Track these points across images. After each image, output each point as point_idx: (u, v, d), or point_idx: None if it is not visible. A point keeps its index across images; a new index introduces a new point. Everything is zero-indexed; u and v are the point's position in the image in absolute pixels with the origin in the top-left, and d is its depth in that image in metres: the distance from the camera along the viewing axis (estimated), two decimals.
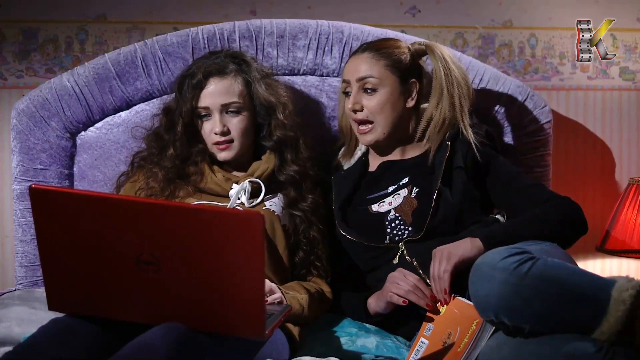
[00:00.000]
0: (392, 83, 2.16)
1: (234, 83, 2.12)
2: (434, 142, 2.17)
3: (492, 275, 1.68)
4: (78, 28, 2.65)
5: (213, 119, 2.10)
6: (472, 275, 1.75)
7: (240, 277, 1.50)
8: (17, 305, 2.07)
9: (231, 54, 2.20)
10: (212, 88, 2.10)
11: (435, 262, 1.94)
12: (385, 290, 2.01)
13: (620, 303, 1.60)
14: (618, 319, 1.59)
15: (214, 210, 1.55)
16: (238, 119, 2.11)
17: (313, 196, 2.17)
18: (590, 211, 2.77)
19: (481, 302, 1.72)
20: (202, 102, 2.10)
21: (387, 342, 2.02)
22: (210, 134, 2.11)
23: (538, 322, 1.66)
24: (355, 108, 2.15)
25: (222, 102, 2.10)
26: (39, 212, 1.53)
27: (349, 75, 2.18)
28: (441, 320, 1.91)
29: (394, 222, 2.12)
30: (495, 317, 1.70)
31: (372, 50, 2.18)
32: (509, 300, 1.66)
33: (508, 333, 1.72)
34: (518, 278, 1.66)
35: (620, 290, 1.62)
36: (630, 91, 2.85)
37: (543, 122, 2.51)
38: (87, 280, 1.58)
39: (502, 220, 2.15)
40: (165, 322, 1.55)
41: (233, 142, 2.11)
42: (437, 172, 2.12)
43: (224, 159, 2.13)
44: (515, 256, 1.69)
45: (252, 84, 2.14)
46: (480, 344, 1.81)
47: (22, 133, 2.36)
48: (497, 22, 2.78)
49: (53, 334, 1.59)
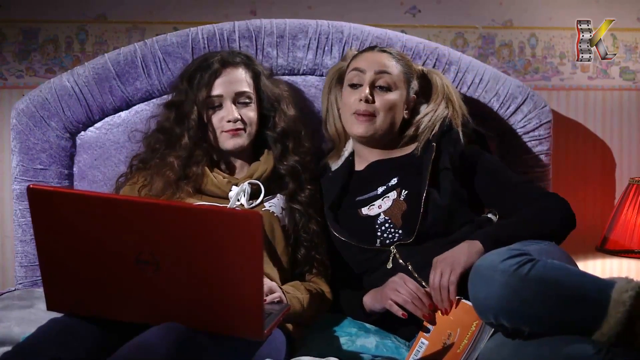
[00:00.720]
0: (402, 89, 2.20)
1: (245, 73, 2.17)
2: (422, 143, 2.18)
3: (492, 278, 1.67)
4: (78, 28, 2.65)
5: (225, 107, 2.12)
6: (471, 277, 1.74)
7: (239, 277, 1.50)
8: (16, 305, 2.07)
9: (233, 50, 2.26)
10: (226, 77, 2.14)
11: (437, 272, 1.91)
12: (384, 295, 2.00)
13: (620, 304, 1.59)
14: (618, 320, 1.58)
15: (212, 210, 1.56)
16: (248, 108, 2.15)
17: (311, 187, 2.19)
18: (590, 211, 2.79)
19: (481, 305, 1.71)
20: (216, 90, 2.13)
21: (386, 342, 2.01)
22: (221, 122, 2.12)
23: (538, 324, 1.65)
24: (369, 100, 2.15)
25: (237, 90, 2.13)
26: (37, 212, 1.53)
27: (366, 65, 2.18)
28: (441, 321, 1.91)
29: (384, 225, 2.12)
30: (495, 320, 1.69)
31: (391, 54, 2.22)
32: (509, 303, 1.65)
33: (507, 335, 1.71)
34: (518, 280, 1.65)
35: (620, 291, 1.61)
36: (630, 91, 2.84)
37: (543, 122, 2.51)
38: (86, 280, 1.58)
39: (494, 220, 2.15)
40: (164, 322, 1.55)
41: (245, 130, 2.13)
42: (424, 173, 2.11)
43: (233, 147, 2.13)
44: (515, 258, 1.68)
45: (260, 76, 2.19)
46: (479, 345, 1.80)
47: (22, 133, 2.36)
48: (498, 22, 2.78)
49: (52, 334, 1.59)
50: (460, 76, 2.47)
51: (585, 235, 2.64)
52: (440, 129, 2.19)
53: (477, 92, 2.48)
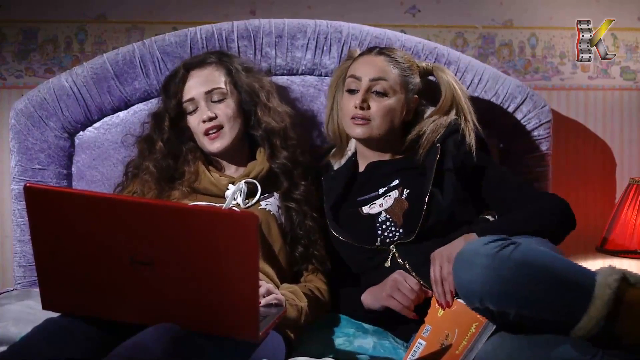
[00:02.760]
0: (399, 94, 2.19)
1: (215, 71, 2.17)
2: (425, 147, 2.17)
3: (474, 261, 1.66)
4: (77, 28, 2.66)
5: (200, 109, 2.14)
6: (455, 263, 1.73)
7: (234, 277, 1.50)
8: (14, 305, 2.07)
9: (212, 51, 2.30)
10: (194, 79, 2.16)
11: (436, 265, 1.92)
12: (384, 294, 2.00)
13: (606, 287, 1.59)
14: (605, 303, 1.58)
15: (208, 211, 1.55)
16: (223, 104, 2.15)
17: (305, 183, 2.19)
18: (591, 211, 2.78)
19: (465, 289, 1.70)
20: (187, 94, 2.15)
21: (384, 342, 2.01)
22: (199, 125, 2.14)
23: (522, 307, 1.63)
24: (364, 107, 2.15)
25: (205, 90, 2.14)
26: (33, 211, 1.53)
27: (361, 72, 2.18)
28: (439, 322, 1.90)
29: (385, 223, 2.12)
30: (480, 304, 1.68)
31: (388, 56, 2.20)
32: (492, 285, 1.64)
33: (495, 321, 1.71)
34: (500, 262, 1.64)
35: (605, 275, 1.61)
36: (631, 91, 2.83)
37: (543, 122, 2.51)
38: (82, 280, 1.58)
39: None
40: (159, 322, 1.55)
41: (222, 127, 2.13)
42: (429, 174, 2.11)
43: (217, 150, 2.14)
44: (498, 242, 1.68)
45: (234, 71, 2.19)
46: (477, 346, 1.80)
47: (21, 133, 2.36)
48: (498, 21, 2.77)
49: (47, 334, 1.60)
50: (459, 76, 2.46)
51: (585, 236, 2.64)
52: (446, 131, 2.18)
53: (476, 91, 2.48)
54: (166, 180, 2.12)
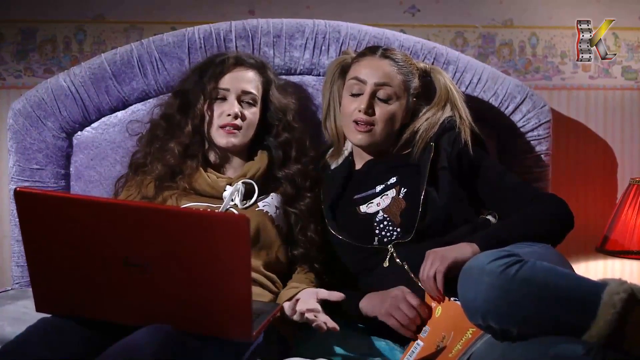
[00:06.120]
0: (402, 99, 2.18)
1: (256, 78, 2.19)
2: (420, 145, 2.17)
3: (480, 279, 1.66)
4: (76, 28, 2.66)
5: (229, 101, 2.14)
6: (460, 279, 1.73)
7: (227, 279, 1.50)
8: (10, 304, 2.08)
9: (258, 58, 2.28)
10: (238, 74, 2.17)
11: (428, 262, 1.91)
12: (383, 311, 1.98)
13: (611, 307, 1.58)
14: (607, 323, 1.57)
15: (200, 214, 1.57)
16: (250, 111, 2.16)
17: (311, 195, 2.19)
18: (591, 211, 2.77)
19: (469, 306, 1.70)
20: (224, 83, 2.15)
21: (380, 343, 2.01)
22: (221, 116, 2.14)
23: (526, 325, 1.64)
24: (369, 112, 2.14)
25: (244, 89, 2.15)
26: (24, 214, 1.54)
27: (366, 75, 2.17)
28: (437, 323, 1.90)
29: (383, 223, 2.11)
30: (483, 321, 1.68)
31: (392, 60, 2.19)
32: (497, 304, 1.64)
33: (496, 337, 1.71)
34: (505, 281, 1.64)
35: (611, 293, 1.59)
36: (632, 90, 2.82)
37: (542, 122, 2.50)
38: (75, 282, 1.58)
39: (493, 221, 2.14)
40: (152, 323, 1.55)
41: (240, 129, 2.13)
42: (423, 172, 2.11)
43: (225, 145, 2.14)
44: (503, 259, 1.67)
45: (271, 85, 2.22)
46: (471, 348, 1.79)
47: (19, 133, 2.37)
48: (498, 21, 2.76)
49: (41, 334, 1.60)
50: (458, 76, 2.46)
51: (586, 236, 2.63)
52: (440, 128, 2.18)
53: (475, 91, 2.47)
54: (177, 172, 2.12)
